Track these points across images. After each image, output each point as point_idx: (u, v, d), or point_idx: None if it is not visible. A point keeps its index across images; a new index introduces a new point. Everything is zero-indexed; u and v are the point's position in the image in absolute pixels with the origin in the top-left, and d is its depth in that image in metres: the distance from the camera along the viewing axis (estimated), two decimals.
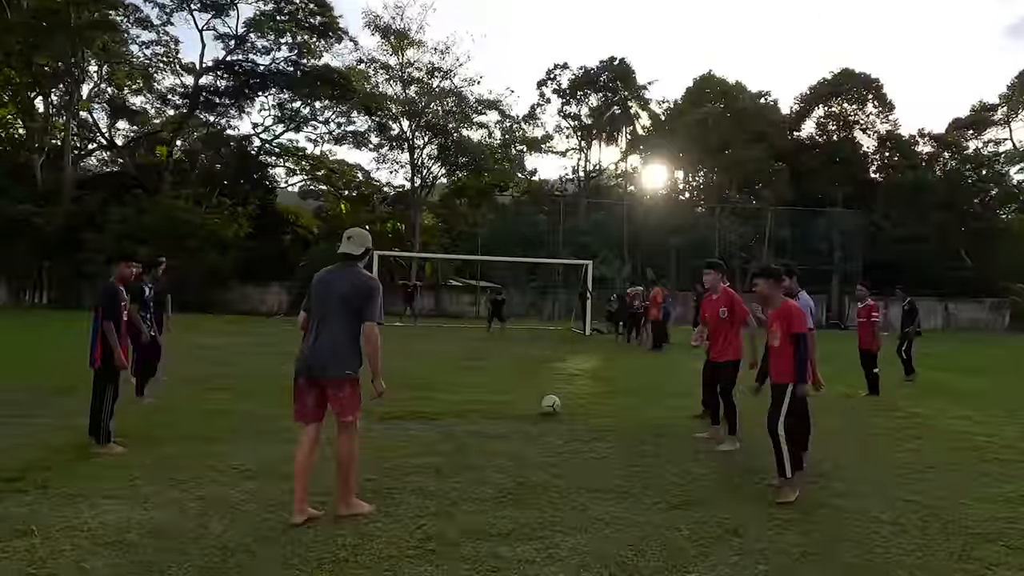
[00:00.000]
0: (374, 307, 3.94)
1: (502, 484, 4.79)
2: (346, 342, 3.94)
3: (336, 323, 3.94)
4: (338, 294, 3.96)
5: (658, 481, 4.97)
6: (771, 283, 4.83)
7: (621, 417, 7.37)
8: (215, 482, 4.66)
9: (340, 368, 3.91)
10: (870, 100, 39.42)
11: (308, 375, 3.97)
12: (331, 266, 4.15)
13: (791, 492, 4.52)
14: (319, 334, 3.96)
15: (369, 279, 4.04)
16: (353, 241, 4.11)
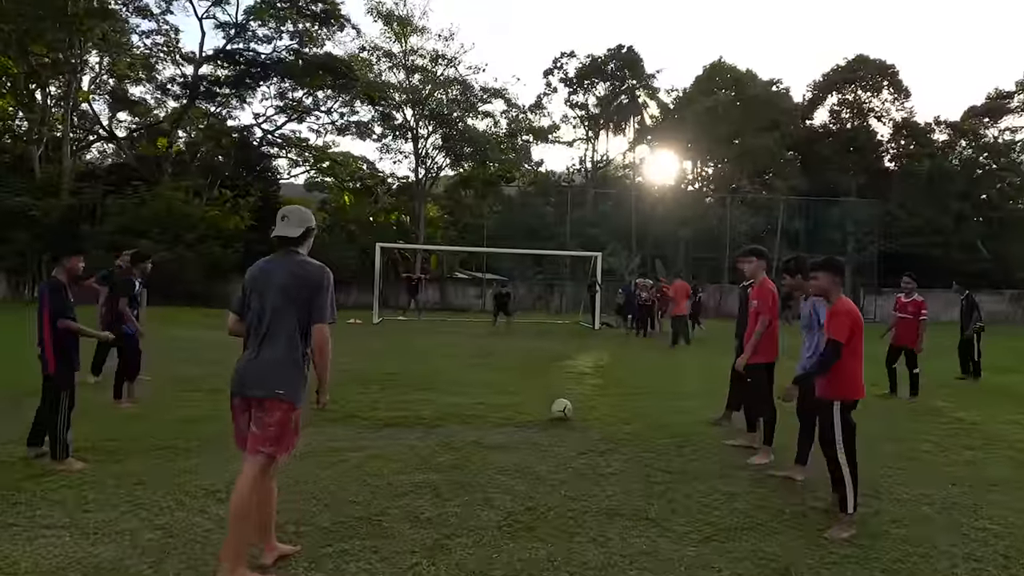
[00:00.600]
0: (323, 304, 3.17)
1: (508, 508, 4.19)
2: (287, 353, 3.14)
3: (274, 328, 3.14)
4: (277, 290, 3.16)
5: (686, 503, 4.36)
6: (830, 276, 4.20)
7: (638, 423, 6.75)
8: (181, 506, 4.08)
9: (272, 386, 3.10)
10: (885, 87, 38.42)
11: (240, 393, 3.17)
12: (270, 256, 3.33)
13: (847, 528, 3.87)
14: (256, 342, 3.18)
15: (316, 269, 3.23)
16: (289, 221, 3.28)
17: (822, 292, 4.27)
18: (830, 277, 4.20)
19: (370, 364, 10.73)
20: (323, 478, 4.66)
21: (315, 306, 3.16)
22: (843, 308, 4.11)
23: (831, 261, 4.31)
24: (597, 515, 4.11)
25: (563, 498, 4.40)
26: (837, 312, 4.11)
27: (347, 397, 7.69)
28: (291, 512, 3.99)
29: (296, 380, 3.16)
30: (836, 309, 4.13)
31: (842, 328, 4.02)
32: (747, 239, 34.46)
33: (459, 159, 35.95)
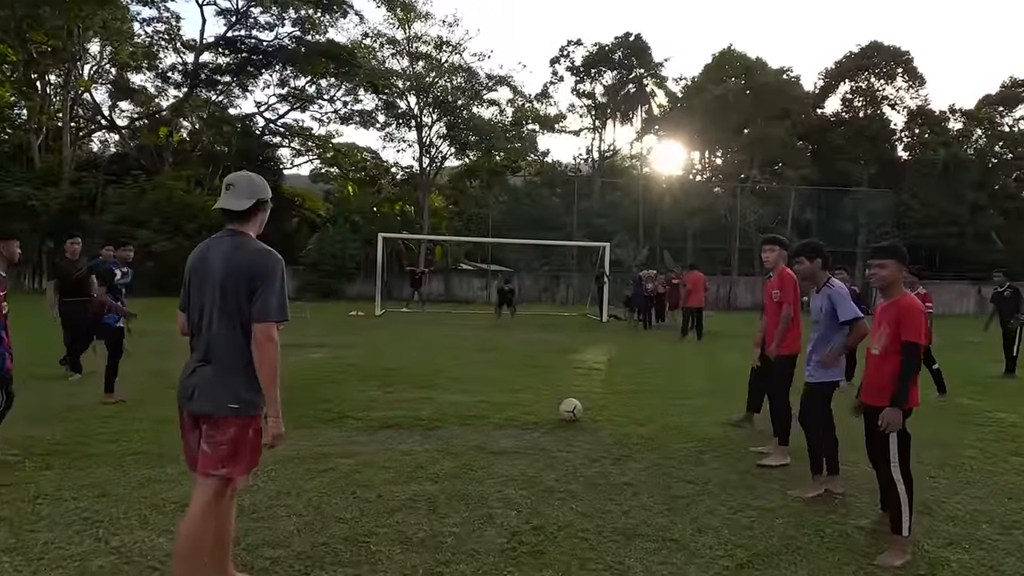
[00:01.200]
0: (269, 298, 2.56)
1: (512, 526, 3.71)
2: (237, 358, 2.60)
3: (214, 329, 2.60)
4: (216, 280, 2.60)
5: (712, 521, 3.87)
6: (895, 264, 3.54)
7: (652, 425, 6.26)
8: (144, 524, 3.61)
9: (222, 399, 2.57)
10: (899, 74, 37.58)
11: (183, 406, 2.68)
12: (214, 236, 2.75)
13: (901, 554, 3.36)
14: (200, 346, 2.66)
15: (260, 254, 2.62)
16: (235, 191, 2.65)
17: (886, 285, 3.56)
18: (894, 265, 3.55)
19: (370, 358, 10.28)
20: (307, 490, 4.20)
21: (259, 301, 2.56)
22: (916, 304, 3.47)
23: (894, 248, 3.60)
24: (613, 535, 3.62)
25: (574, 514, 3.92)
26: (911, 309, 3.43)
27: (342, 395, 7.23)
28: (266, 532, 3.53)
29: (251, 388, 2.63)
30: (908, 304, 3.45)
31: (921, 327, 3.41)
32: (757, 230, 33.92)
33: (464, 148, 35.35)
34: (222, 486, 2.67)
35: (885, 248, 3.61)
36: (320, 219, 36.06)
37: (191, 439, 2.71)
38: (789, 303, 5.19)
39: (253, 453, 2.70)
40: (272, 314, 2.56)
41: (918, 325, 3.41)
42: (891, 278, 3.54)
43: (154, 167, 31.45)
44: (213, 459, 2.60)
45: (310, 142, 37.00)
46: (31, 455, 4.73)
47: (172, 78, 34.50)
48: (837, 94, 39.24)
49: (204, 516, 2.63)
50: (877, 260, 3.58)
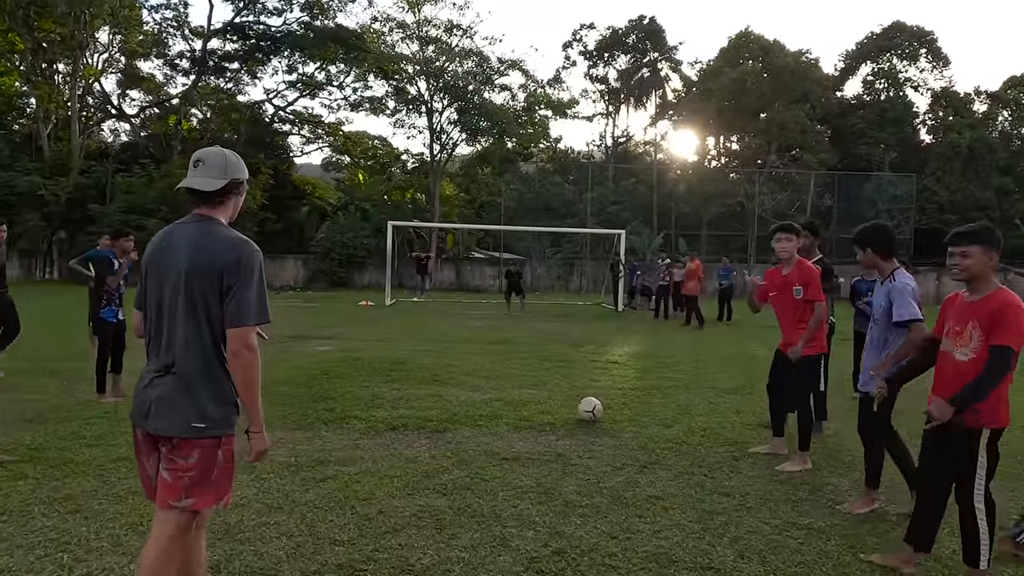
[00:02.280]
0: (246, 297, 2.13)
1: (530, 550, 3.27)
2: (203, 366, 2.17)
3: (182, 330, 2.16)
4: (176, 276, 2.16)
5: (755, 543, 3.42)
6: (985, 249, 2.94)
7: (678, 426, 5.80)
8: (116, 546, 3.22)
9: (186, 417, 2.14)
10: (923, 55, 36.55)
11: (137, 424, 2.24)
12: (178, 221, 2.32)
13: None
14: (157, 351, 2.23)
15: (234, 244, 2.18)
16: (206, 167, 2.22)
17: (974, 276, 2.96)
18: (984, 250, 2.94)
19: (377, 351, 9.89)
20: (301, 504, 3.79)
21: (233, 300, 2.13)
22: (1014, 301, 2.87)
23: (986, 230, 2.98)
24: (645, 562, 3.18)
25: (599, 535, 3.48)
26: (1008, 305, 2.85)
27: (347, 392, 6.83)
28: (251, 557, 3.12)
29: (221, 402, 2.21)
30: (1005, 301, 2.87)
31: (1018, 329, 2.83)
32: (774, 216, 33.18)
33: (475, 134, 34.83)
34: (187, 519, 2.23)
35: (968, 232, 2.99)
36: (330, 207, 35.75)
37: (148, 464, 2.28)
38: (820, 299, 4.68)
39: (223, 480, 2.26)
40: (250, 316, 2.14)
41: (1015, 325, 2.83)
42: (978, 267, 2.94)
43: (163, 156, 31.22)
44: (175, 488, 2.18)
45: (320, 129, 36.63)
46: (1, 463, 4.35)
47: (180, 65, 34.26)
48: (858, 76, 38.33)
49: (167, 555, 2.21)
50: (961, 248, 2.95)
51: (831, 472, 4.63)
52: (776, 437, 4.96)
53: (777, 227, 4.90)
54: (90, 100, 34.17)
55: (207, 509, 2.28)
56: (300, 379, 7.46)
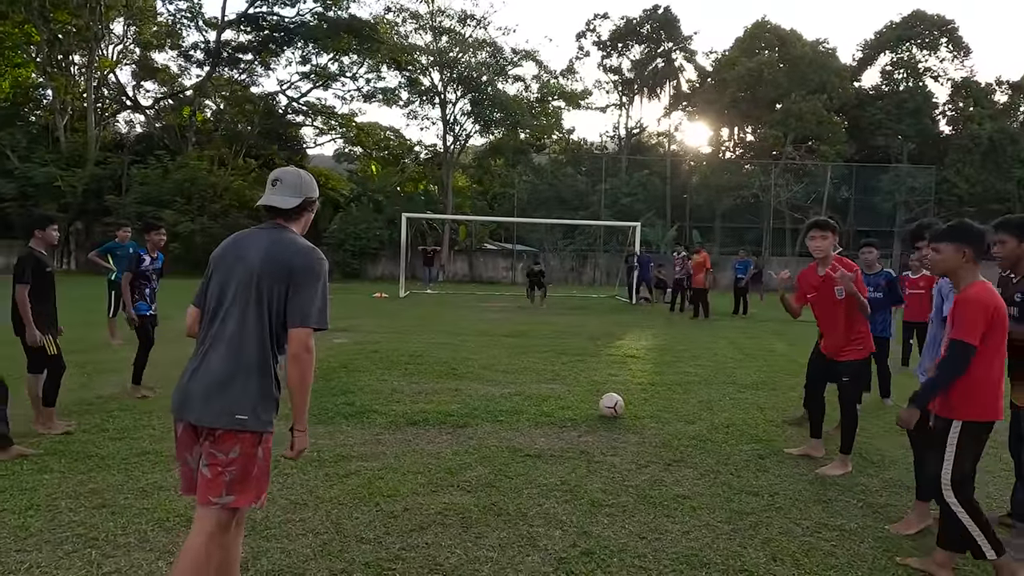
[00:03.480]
0: (309, 303, 2.23)
1: (558, 550, 3.23)
2: (254, 361, 2.22)
3: (234, 324, 2.24)
4: (244, 270, 2.27)
5: (787, 545, 3.36)
6: (957, 246, 3.02)
7: (701, 423, 5.73)
8: (143, 543, 3.21)
9: (228, 408, 2.18)
10: (943, 44, 35.86)
11: (184, 418, 2.26)
12: (249, 228, 2.46)
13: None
14: (203, 340, 2.29)
15: (305, 252, 2.31)
16: (284, 186, 2.38)
17: (946, 271, 3.11)
18: (956, 249, 3.02)
19: (394, 343, 9.88)
20: (326, 500, 3.77)
21: (296, 302, 2.22)
22: (975, 295, 2.96)
23: (960, 227, 3.07)
24: (675, 563, 3.13)
25: (627, 535, 3.43)
26: (965, 301, 2.97)
27: (366, 385, 6.82)
28: (278, 555, 3.10)
29: (266, 399, 2.26)
30: (964, 296, 2.99)
31: (972, 323, 2.91)
32: (790, 208, 32.86)
33: (488, 126, 34.66)
34: (227, 517, 2.25)
35: (942, 230, 3.09)
36: (343, 199, 35.78)
37: (190, 458, 2.30)
38: (864, 293, 4.55)
39: (262, 478, 2.29)
40: (311, 319, 2.23)
41: (971, 321, 2.90)
42: (946, 265, 3.08)
43: (178, 147, 31.35)
44: (216, 484, 2.20)
45: (333, 121, 36.61)
46: (27, 456, 4.37)
47: (194, 57, 34.32)
48: (876, 66, 37.69)
49: (207, 551, 2.21)
50: (933, 243, 3.11)
51: (860, 472, 4.55)
52: (814, 438, 4.85)
53: (812, 223, 4.73)
54: (105, 92, 34.33)
55: (246, 507, 2.28)
56: (318, 372, 7.43)
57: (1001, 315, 2.95)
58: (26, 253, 4.94)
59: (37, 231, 4.99)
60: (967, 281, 3.03)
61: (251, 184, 30.38)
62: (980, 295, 2.95)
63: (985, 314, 2.90)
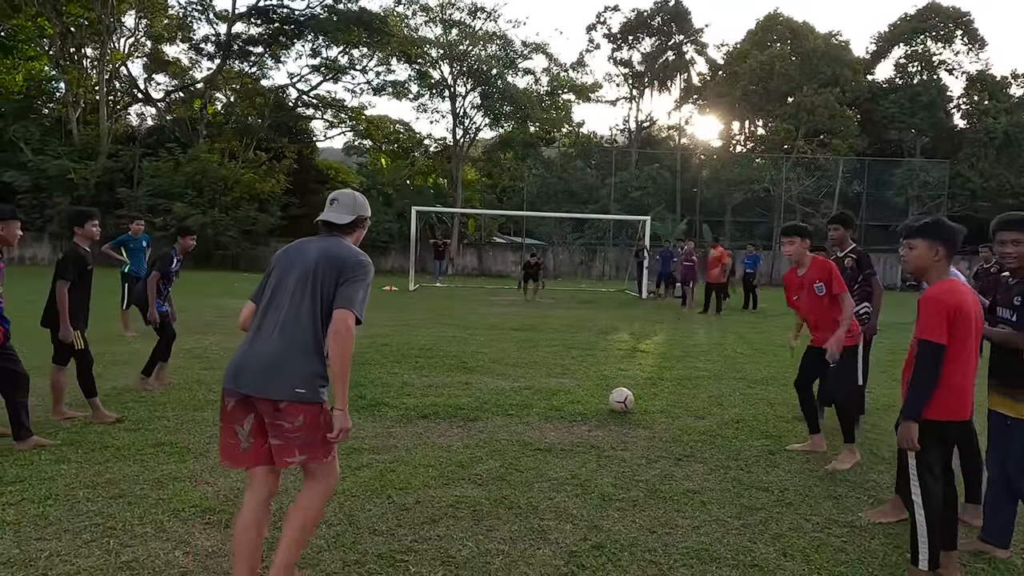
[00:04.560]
0: (353, 291, 2.49)
1: (569, 544, 3.26)
2: (303, 342, 2.47)
3: (292, 309, 2.50)
4: (302, 265, 2.56)
5: (797, 541, 3.37)
6: (931, 243, 2.98)
7: (711, 418, 5.74)
8: (159, 532, 3.26)
9: (288, 383, 2.42)
10: (958, 37, 35.47)
11: (234, 385, 2.49)
12: (309, 237, 2.75)
13: None
14: (262, 324, 2.53)
15: (358, 254, 2.62)
16: (340, 205, 2.73)
17: (917, 268, 3.06)
18: (928, 246, 2.98)
19: (404, 336, 9.92)
20: (339, 493, 3.80)
21: (343, 293, 2.50)
22: (935, 293, 2.91)
23: (932, 224, 3.02)
24: (685, 558, 3.15)
25: (638, 529, 3.45)
26: (926, 299, 2.92)
27: (376, 379, 6.86)
28: None
29: (318, 375, 2.50)
30: (925, 295, 2.95)
31: (934, 321, 2.85)
32: (801, 203, 32.67)
33: (498, 119, 34.62)
34: (275, 481, 2.63)
35: (914, 227, 3.04)
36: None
37: (239, 429, 2.52)
38: (842, 291, 4.53)
39: (330, 442, 2.54)
40: (354, 305, 2.49)
41: (933, 320, 2.85)
42: (918, 262, 3.03)
43: (189, 140, 31.50)
44: (289, 449, 2.48)
45: (343, 114, 36.66)
46: (45, 447, 4.44)
47: (205, 49, 34.44)
48: (890, 59, 37.39)
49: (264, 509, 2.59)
50: (907, 239, 3.05)
51: (870, 467, 4.54)
52: (813, 434, 4.86)
53: (782, 230, 4.88)
54: (117, 84, 34.52)
55: (322, 462, 2.54)
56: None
57: (962, 314, 2.85)
58: (70, 249, 5.01)
59: (76, 228, 5.08)
60: (934, 279, 2.99)
61: (261, 177, 30.49)
62: (939, 293, 2.89)
63: (946, 311, 2.84)
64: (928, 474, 2.87)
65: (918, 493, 2.87)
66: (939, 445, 2.92)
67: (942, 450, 2.95)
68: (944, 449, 2.96)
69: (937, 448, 2.92)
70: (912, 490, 2.89)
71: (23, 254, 28.36)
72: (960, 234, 3.02)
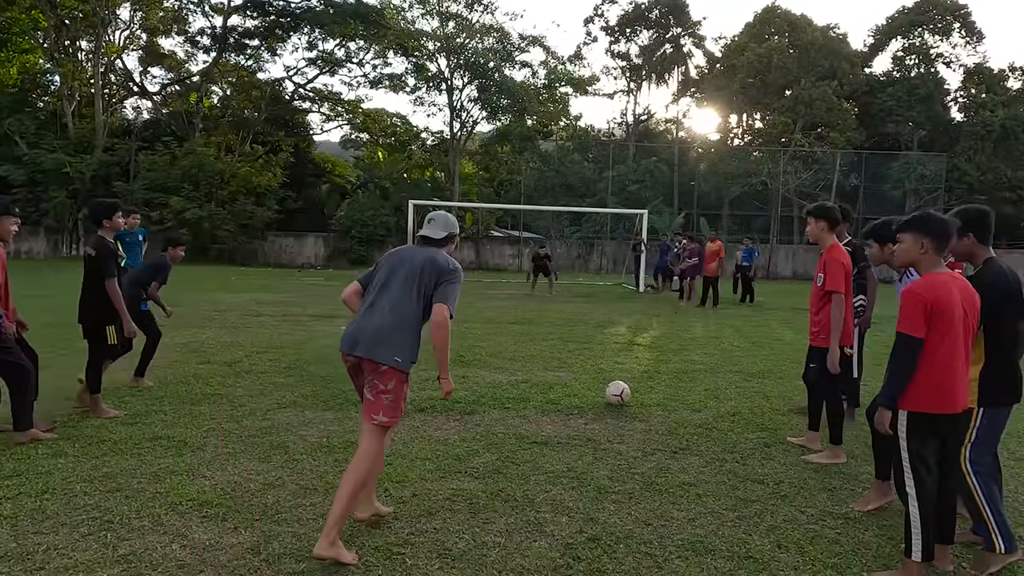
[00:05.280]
0: (449, 291, 3.14)
1: (565, 536, 3.28)
2: (406, 322, 3.10)
3: (399, 297, 3.13)
4: (410, 265, 3.20)
5: (792, 533, 3.39)
6: (916, 236, 2.98)
7: (707, 411, 5.76)
8: (157, 526, 3.27)
9: (390, 351, 3.04)
10: (956, 30, 35.44)
11: (351, 351, 3.10)
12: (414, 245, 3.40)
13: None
14: (375, 304, 3.15)
15: (452, 261, 3.25)
16: (435, 224, 3.38)
17: (906, 262, 3.10)
18: (914, 240, 2.97)
19: None
20: (336, 486, 3.78)
21: (443, 291, 3.12)
22: (914, 286, 2.91)
23: (916, 218, 3.03)
24: (681, 550, 3.17)
25: (633, 521, 3.47)
26: (905, 293, 2.93)
27: None
28: (289, 539, 3.16)
29: (412, 351, 3.11)
30: (906, 288, 2.96)
31: (908, 315, 2.86)
32: (799, 196, 32.67)
33: (495, 112, 34.54)
34: (379, 433, 3.12)
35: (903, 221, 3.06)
36: (350, 186, 35.79)
37: (358, 383, 3.20)
38: (837, 290, 4.42)
39: (401, 406, 3.14)
40: (450, 301, 3.13)
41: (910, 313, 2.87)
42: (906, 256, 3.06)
43: (185, 133, 31.38)
44: (376, 406, 3.06)
45: (339, 107, 36.56)
46: (42, 441, 4.44)
47: (201, 42, 34.28)
48: (887, 52, 37.37)
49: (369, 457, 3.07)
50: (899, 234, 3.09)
51: (865, 460, 4.55)
52: (810, 430, 4.85)
53: (805, 211, 4.83)
54: (112, 78, 34.34)
55: (392, 425, 3.16)
56: (328, 359, 7.50)
57: (941, 308, 2.83)
58: (100, 244, 5.02)
59: (106, 220, 5.11)
60: (924, 272, 2.99)
61: (258, 170, 30.41)
62: (918, 287, 2.90)
63: (923, 305, 2.84)
64: (922, 466, 2.89)
65: (911, 485, 2.89)
66: (933, 437, 2.93)
67: (936, 443, 2.96)
68: (938, 442, 2.97)
69: (931, 441, 2.93)
70: (906, 482, 2.91)
71: (19, 248, 28.25)
72: (952, 226, 3.01)
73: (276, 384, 6.27)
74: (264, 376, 6.61)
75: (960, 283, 2.97)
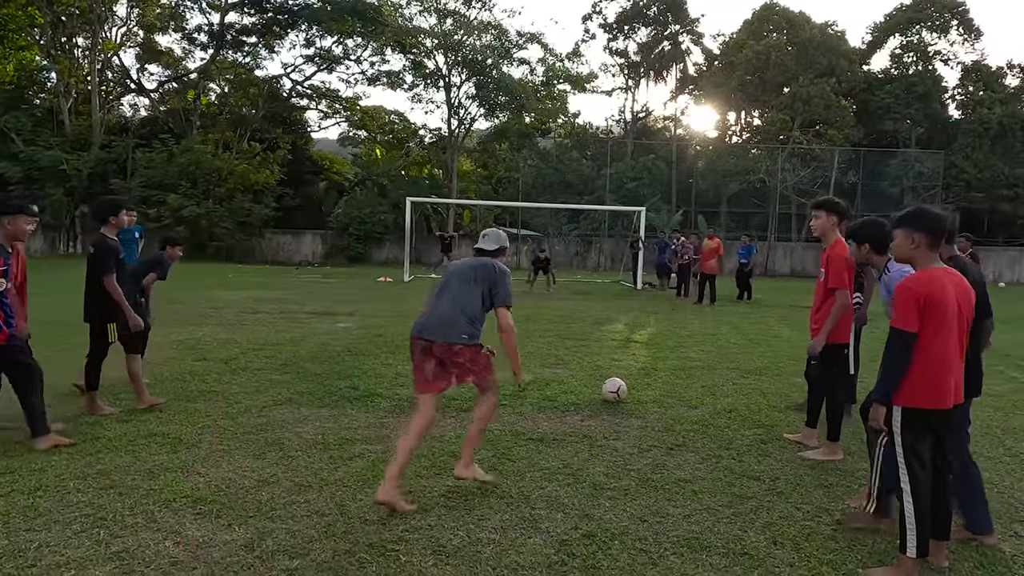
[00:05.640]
0: (504, 288, 3.77)
1: (560, 533, 3.27)
2: (464, 312, 3.68)
3: (458, 293, 3.75)
4: (468, 269, 3.85)
5: (788, 530, 3.39)
6: (908, 232, 2.97)
7: (704, 408, 5.75)
8: (150, 523, 3.25)
9: (457, 332, 3.64)
10: (954, 27, 35.40)
11: (420, 334, 3.68)
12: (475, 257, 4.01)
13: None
14: (442, 298, 3.77)
15: (502, 266, 3.89)
16: (488, 238, 4.06)
17: (901, 258, 3.07)
18: (905, 235, 2.97)
19: (398, 327, 9.89)
20: (331, 483, 3.81)
21: (498, 291, 3.73)
22: (907, 282, 2.91)
23: (908, 214, 3.02)
24: (676, 546, 3.16)
25: (629, 518, 3.46)
26: (897, 288, 2.93)
27: (370, 369, 6.86)
28: (283, 536, 3.14)
29: (475, 331, 3.69)
30: (898, 284, 2.95)
31: (900, 310, 2.86)
32: (797, 193, 32.68)
33: (493, 109, 34.48)
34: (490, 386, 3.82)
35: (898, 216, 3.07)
36: (348, 183, 35.72)
37: (426, 366, 3.66)
38: (840, 287, 4.40)
39: (489, 365, 3.79)
40: (510, 300, 3.77)
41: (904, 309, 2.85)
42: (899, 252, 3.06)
43: (182, 131, 31.30)
44: (467, 373, 3.70)
45: (337, 104, 36.48)
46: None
47: (198, 39, 34.17)
48: (885, 49, 37.31)
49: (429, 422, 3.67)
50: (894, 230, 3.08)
51: (861, 456, 4.55)
52: (807, 427, 4.83)
53: (812, 203, 4.80)
54: (109, 74, 34.22)
55: (491, 377, 3.79)
56: (324, 356, 7.50)
57: (934, 303, 2.82)
58: (101, 241, 5.00)
59: (112, 217, 5.09)
60: (919, 267, 2.97)
61: (256, 168, 30.33)
62: (911, 281, 2.89)
63: (915, 300, 2.82)
64: (916, 462, 2.88)
65: (906, 480, 2.88)
66: (927, 433, 2.92)
67: (930, 438, 2.95)
68: (933, 437, 2.96)
69: (925, 436, 2.92)
70: (900, 477, 2.90)
71: None
72: (944, 220, 3.00)
73: (272, 381, 6.26)
74: (260, 373, 6.59)
75: (955, 278, 2.96)
